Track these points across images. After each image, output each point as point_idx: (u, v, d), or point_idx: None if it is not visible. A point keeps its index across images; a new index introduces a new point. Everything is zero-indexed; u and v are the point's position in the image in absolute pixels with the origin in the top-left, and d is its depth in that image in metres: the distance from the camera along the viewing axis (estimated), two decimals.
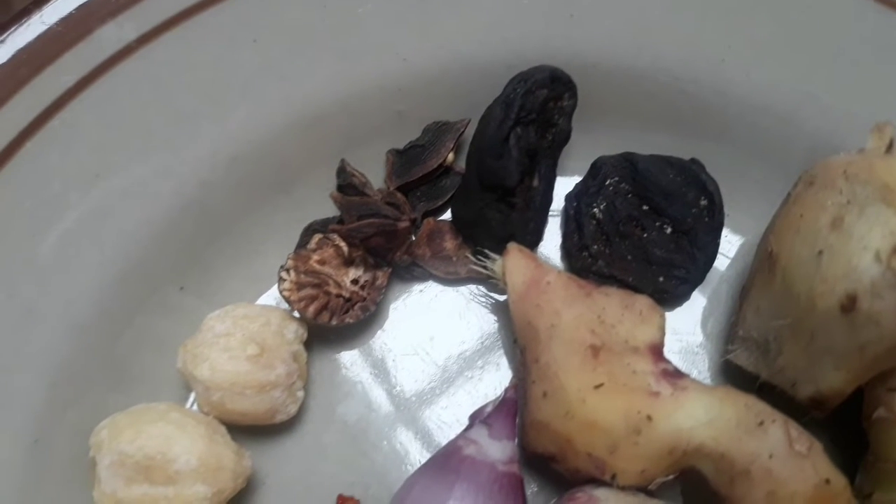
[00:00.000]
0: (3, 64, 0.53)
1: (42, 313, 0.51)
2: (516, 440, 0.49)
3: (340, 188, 0.57)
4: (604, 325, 0.48)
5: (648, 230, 0.55)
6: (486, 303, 0.57)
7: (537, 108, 0.53)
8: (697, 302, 0.56)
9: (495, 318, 0.57)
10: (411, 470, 0.51)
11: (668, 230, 0.55)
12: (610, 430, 0.46)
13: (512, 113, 0.52)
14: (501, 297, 0.57)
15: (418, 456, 0.53)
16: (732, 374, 0.52)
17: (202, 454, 0.48)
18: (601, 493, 0.46)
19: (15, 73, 0.53)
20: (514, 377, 0.53)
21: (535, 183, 0.54)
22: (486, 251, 0.53)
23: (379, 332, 0.57)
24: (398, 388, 0.55)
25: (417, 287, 0.58)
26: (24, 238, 0.51)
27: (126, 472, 0.48)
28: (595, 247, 0.55)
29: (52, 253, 0.52)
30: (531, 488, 0.51)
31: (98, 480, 0.49)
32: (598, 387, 0.46)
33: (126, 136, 0.54)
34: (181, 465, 0.48)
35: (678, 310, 0.56)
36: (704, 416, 0.46)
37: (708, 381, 0.54)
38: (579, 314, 0.49)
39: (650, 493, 0.47)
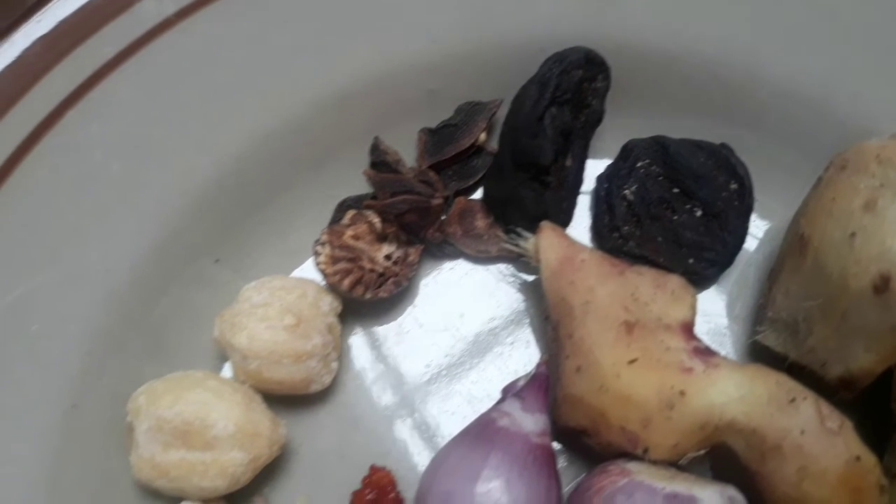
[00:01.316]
0: (45, 35, 0.54)
1: (81, 281, 0.52)
2: (548, 414, 0.50)
3: (373, 165, 0.58)
4: (637, 302, 0.49)
5: (679, 212, 0.56)
6: (515, 282, 0.58)
7: (572, 88, 0.53)
8: (725, 284, 0.57)
9: (524, 297, 0.57)
10: (443, 442, 0.52)
11: (699, 213, 0.56)
12: (644, 404, 0.46)
13: (547, 92, 0.53)
14: (530, 277, 0.58)
15: (450, 428, 0.53)
16: (760, 356, 0.53)
17: (239, 421, 0.49)
18: (633, 466, 0.47)
19: (56, 45, 0.54)
20: (545, 353, 0.54)
21: (568, 163, 0.55)
22: (519, 230, 0.54)
23: (410, 307, 0.57)
24: (429, 363, 0.56)
25: (448, 265, 0.58)
26: (66, 206, 0.52)
27: (164, 438, 0.49)
28: (626, 228, 0.56)
29: (91, 222, 0.52)
30: (561, 463, 0.52)
31: (135, 445, 0.49)
32: (632, 362, 0.47)
33: (165, 109, 0.55)
34: (219, 430, 0.48)
35: (706, 292, 0.56)
36: (736, 393, 0.46)
37: None
38: (613, 291, 0.49)
39: (680, 469, 0.48)
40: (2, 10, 0.54)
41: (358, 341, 0.56)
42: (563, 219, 0.55)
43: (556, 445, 0.52)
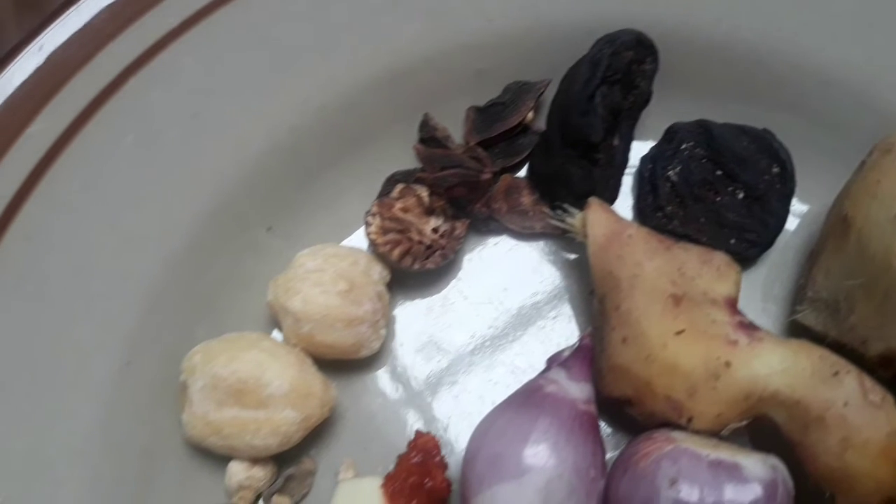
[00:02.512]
0: (112, 4, 0.55)
1: (139, 242, 0.53)
2: (592, 385, 0.51)
3: (422, 141, 0.59)
4: (684, 277, 0.50)
5: (721, 194, 0.57)
6: (558, 259, 0.59)
7: (622, 69, 0.55)
8: (765, 266, 0.58)
9: (567, 274, 0.59)
10: (486, 410, 0.52)
11: (741, 195, 0.57)
12: (690, 373, 0.48)
13: (599, 72, 0.54)
14: (572, 256, 0.59)
15: (493, 398, 0.55)
16: (798, 336, 0.54)
17: (293, 380, 0.50)
18: (677, 435, 0.48)
19: (121, 13, 0.55)
20: (588, 327, 0.55)
21: (616, 142, 0.56)
22: (565, 206, 0.55)
23: (455, 280, 0.59)
24: (473, 334, 0.57)
25: (492, 240, 0.60)
26: (126, 170, 0.53)
27: (218, 396, 0.50)
28: (669, 208, 0.57)
29: (150, 186, 0.54)
30: (603, 434, 0.53)
31: (189, 403, 0.51)
32: (679, 333, 0.48)
33: (223, 79, 0.56)
34: (273, 389, 0.50)
35: (746, 272, 0.57)
36: (780, 365, 0.48)
37: None
38: (660, 266, 0.50)
39: (722, 440, 0.49)
40: None
41: (404, 312, 0.58)
42: (609, 196, 0.56)
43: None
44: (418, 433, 0.53)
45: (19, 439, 0.49)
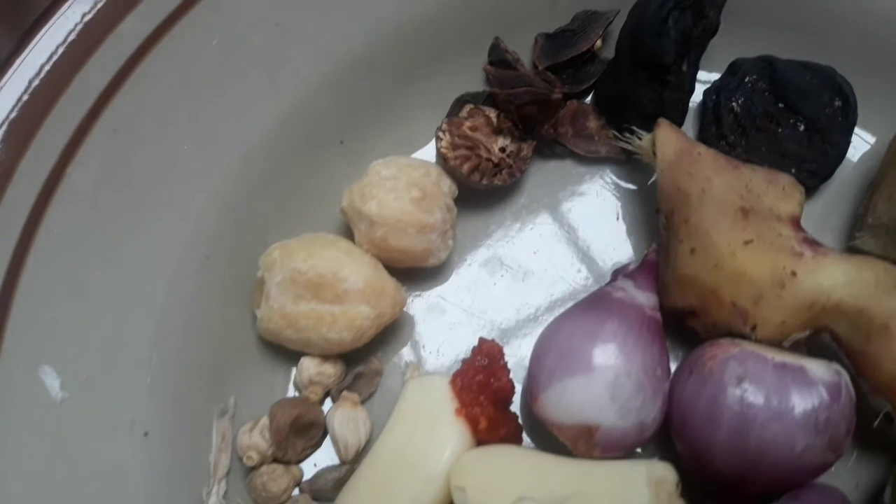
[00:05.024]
0: None
1: (219, 143, 0.55)
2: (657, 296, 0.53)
3: (492, 64, 0.61)
4: (751, 193, 0.52)
5: (783, 126, 0.59)
6: (621, 184, 0.60)
7: None
8: (823, 197, 0.59)
9: (629, 199, 0.60)
10: (547, 322, 0.54)
11: (802, 127, 0.58)
12: (757, 281, 0.49)
13: None
14: (634, 185, 0.61)
15: (555, 311, 0.56)
16: None
17: (368, 278, 0.52)
18: (742, 342, 0.49)
19: None
20: (653, 244, 0.57)
21: (685, 68, 0.57)
22: (633, 128, 0.56)
23: (518, 201, 0.60)
24: (536, 252, 0.59)
25: (556, 164, 0.61)
26: (210, 73, 0.55)
27: (296, 290, 0.51)
28: (732, 137, 0.59)
29: (231, 89, 0.55)
30: None
31: (266, 297, 0.52)
32: (747, 242, 0.50)
33: None
34: (349, 285, 0.51)
35: (805, 202, 0.59)
36: (843, 278, 0.49)
37: None
38: (728, 182, 0.52)
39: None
40: None
41: (469, 228, 0.59)
42: (677, 120, 0.58)
43: None
44: (482, 340, 0.54)
45: (104, 321, 0.50)
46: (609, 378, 0.48)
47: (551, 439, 0.51)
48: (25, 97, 0.51)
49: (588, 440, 0.48)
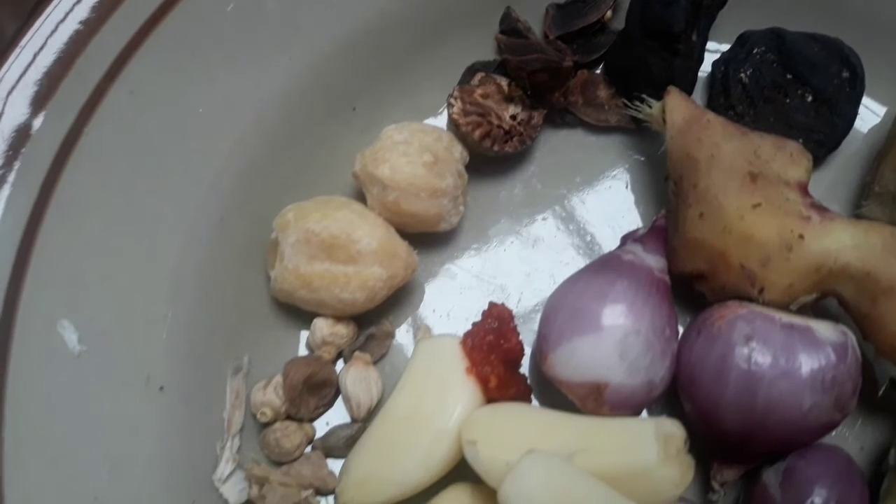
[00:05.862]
0: None
1: (233, 108, 0.55)
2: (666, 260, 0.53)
3: (503, 33, 0.61)
4: (759, 159, 0.52)
5: (791, 97, 0.59)
6: (630, 154, 0.61)
7: None
8: (830, 168, 0.60)
9: (638, 167, 0.61)
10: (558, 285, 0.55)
11: (809, 98, 0.59)
12: (765, 243, 0.50)
13: None
14: (642, 158, 0.61)
15: (564, 276, 0.57)
16: None
17: (381, 239, 0.52)
18: (750, 304, 0.50)
19: None
20: (662, 209, 0.57)
21: (695, 37, 0.58)
22: (643, 96, 0.57)
23: (528, 169, 0.61)
24: (546, 219, 0.59)
25: (565, 133, 0.62)
26: (225, 37, 0.55)
27: (310, 250, 0.52)
28: (740, 107, 0.59)
29: (245, 55, 0.56)
30: None
31: (280, 258, 0.53)
32: (756, 206, 0.50)
33: None
34: (363, 246, 0.52)
35: (812, 172, 0.59)
36: (850, 241, 0.50)
37: None
38: (737, 148, 0.52)
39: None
40: None
41: (479, 195, 0.60)
42: (687, 88, 0.58)
43: None
44: (492, 304, 0.55)
45: (121, 278, 0.51)
46: (618, 337, 0.48)
47: (560, 402, 0.51)
48: (44, 58, 0.52)
49: (597, 398, 0.49)
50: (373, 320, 0.56)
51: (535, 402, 0.54)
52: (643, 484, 0.44)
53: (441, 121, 0.60)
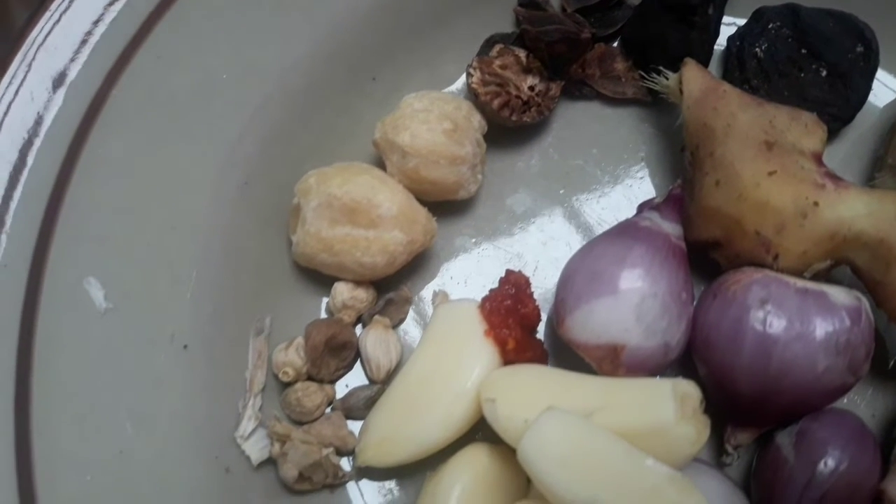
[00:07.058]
0: None
1: (256, 75, 0.56)
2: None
3: (522, 5, 0.62)
4: (775, 129, 0.53)
5: (805, 71, 0.60)
6: (646, 126, 0.62)
7: None
8: (844, 142, 0.61)
9: (654, 140, 0.61)
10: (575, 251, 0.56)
11: (824, 73, 0.60)
12: (780, 210, 0.50)
13: None
14: (658, 130, 0.62)
15: (581, 244, 0.58)
16: None
17: (401, 205, 0.53)
18: (765, 270, 0.51)
19: None
20: (678, 179, 0.58)
21: (711, 11, 0.59)
22: (660, 68, 0.58)
23: (545, 139, 0.61)
24: (563, 189, 0.60)
25: (582, 105, 0.62)
26: (248, 6, 0.56)
27: (332, 214, 0.53)
28: (755, 81, 0.60)
29: (269, 23, 0.57)
30: None
31: (302, 222, 0.54)
32: (771, 173, 0.51)
33: None
34: (383, 210, 0.53)
35: (826, 146, 0.60)
36: (864, 209, 0.50)
37: None
38: (753, 117, 0.53)
39: None
40: None
41: (496, 166, 0.60)
42: (703, 61, 0.59)
43: None
44: (509, 271, 0.55)
45: (146, 238, 0.52)
46: (635, 300, 0.49)
47: (576, 367, 0.52)
48: (73, 19, 0.52)
49: (614, 360, 0.49)
50: (392, 286, 0.57)
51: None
52: (660, 442, 0.45)
53: (459, 93, 0.61)
